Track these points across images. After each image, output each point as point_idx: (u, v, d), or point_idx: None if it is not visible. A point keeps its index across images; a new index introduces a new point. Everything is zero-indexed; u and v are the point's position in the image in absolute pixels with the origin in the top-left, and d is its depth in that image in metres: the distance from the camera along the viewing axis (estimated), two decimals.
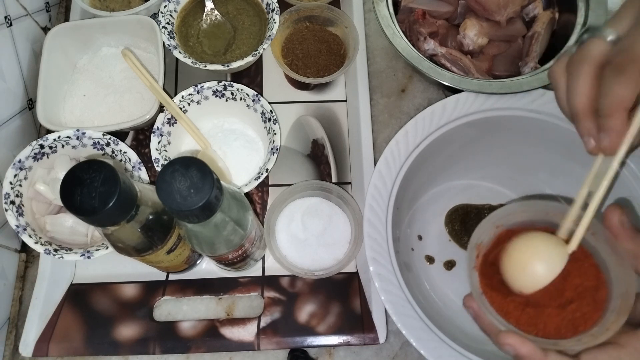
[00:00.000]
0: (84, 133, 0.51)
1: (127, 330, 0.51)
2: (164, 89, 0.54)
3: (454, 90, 0.52)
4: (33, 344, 0.50)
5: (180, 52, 0.56)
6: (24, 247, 0.56)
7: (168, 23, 0.58)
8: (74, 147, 0.52)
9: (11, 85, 0.55)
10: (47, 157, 0.51)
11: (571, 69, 0.36)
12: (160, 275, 0.53)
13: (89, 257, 0.48)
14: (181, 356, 0.51)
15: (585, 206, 0.35)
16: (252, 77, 0.61)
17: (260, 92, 0.60)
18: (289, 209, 0.54)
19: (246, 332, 0.51)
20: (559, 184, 0.56)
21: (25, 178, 0.50)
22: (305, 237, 0.53)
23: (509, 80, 0.52)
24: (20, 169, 0.50)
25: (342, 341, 0.51)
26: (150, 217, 0.38)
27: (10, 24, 0.56)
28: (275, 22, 0.57)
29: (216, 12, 0.61)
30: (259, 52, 0.56)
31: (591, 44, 0.35)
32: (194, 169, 0.32)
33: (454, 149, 0.54)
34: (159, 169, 0.52)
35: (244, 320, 0.51)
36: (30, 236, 0.48)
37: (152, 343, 0.50)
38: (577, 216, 0.35)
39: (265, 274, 0.54)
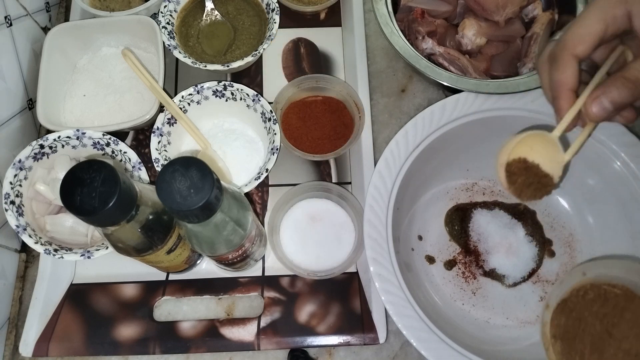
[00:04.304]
0: (84, 133, 0.51)
1: (127, 330, 0.51)
2: (164, 89, 0.54)
3: (454, 90, 0.52)
4: (33, 344, 0.50)
5: (180, 52, 0.56)
6: (24, 247, 0.56)
7: (168, 23, 0.58)
8: (74, 147, 0.52)
9: (11, 85, 0.55)
10: (47, 157, 0.51)
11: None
12: (160, 275, 0.53)
13: (89, 257, 0.48)
14: (181, 356, 0.51)
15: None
16: (252, 77, 0.61)
17: (260, 92, 0.60)
18: (294, 209, 0.55)
19: (246, 332, 0.51)
20: (560, 183, 0.56)
21: (25, 178, 0.50)
22: (309, 238, 0.53)
23: (506, 81, 0.52)
24: (20, 169, 0.50)
25: (342, 341, 0.51)
26: (150, 217, 0.38)
27: (10, 24, 0.56)
28: (275, 22, 0.57)
29: (216, 12, 0.61)
30: (259, 52, 0.56)
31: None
32: (194, 169, 0.32)
33: (453, 149, 0.54)
34: (159, 169, 0.52)
35: (244, 320, 0.51)
36: (30, 236, 0.48)
37: (152, 343, 0.50)
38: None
39: (265, 274, 0.54)
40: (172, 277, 0.53)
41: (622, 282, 0.42)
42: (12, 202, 0.49)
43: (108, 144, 0.52)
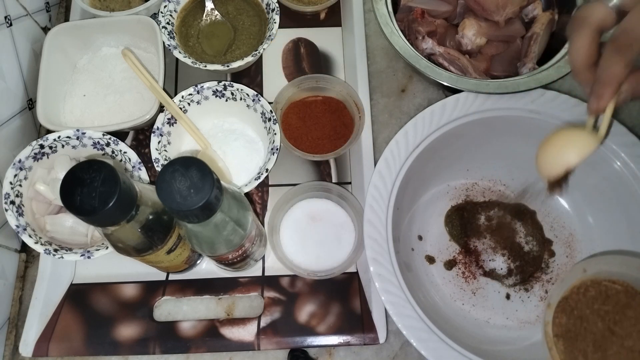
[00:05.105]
0: (84, 133, 0.51)
1: (127, 330, 0.51)
2: (164, 89, 0.54)
3: (454, 90, 0.52)
4: (33, 344, 0.50)
5: (180, 52, 0.56)
6: (24, 247, 0.56)
7: (168, 23, 0.58)
8: (74, 147, 0.52)
9: (11, 85, 0.55)
10: (47, 157, 0.51)
11: (572, 28, 0.39)
12: (160, 275, 0.53)
13: (89, 257, 0.48)
14: (181, 356, 0.51)
15: None
16: (252, 77, 0.61)
17: (260, 92, 0.60)
18: (294, 209, 0.55)
19: (246, 332, 0.51)
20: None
21: (25, 178, 0.50)
22: (309, 238, 0.53)
23: (505, 81, 0.52)
24: (20, 169, 0.50)
25: (342, 341, 0.51)
26: (150, 217, 0.38)
27: (10, 24, 0.56)
28: (275, 22, 0.57)
29: (216, 12, 0.61)
30: (259, 52, 0.56)
31: (592, 8, 0.38)
32: (194, 169, 0.32)
33: (453, 149, 0.54)
34: (159, 169, 0.52)
35: (244, 320, 0.51)
36: (30, 236, 0.48)
37: (152, 343, 0.50)
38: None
39: (265, 274, 0.54)
40: (172, 277, 0.53)
41: (623, 277, 0.42)
42: (12, 202, 0.49)
43: (108, 144, 0.52)
